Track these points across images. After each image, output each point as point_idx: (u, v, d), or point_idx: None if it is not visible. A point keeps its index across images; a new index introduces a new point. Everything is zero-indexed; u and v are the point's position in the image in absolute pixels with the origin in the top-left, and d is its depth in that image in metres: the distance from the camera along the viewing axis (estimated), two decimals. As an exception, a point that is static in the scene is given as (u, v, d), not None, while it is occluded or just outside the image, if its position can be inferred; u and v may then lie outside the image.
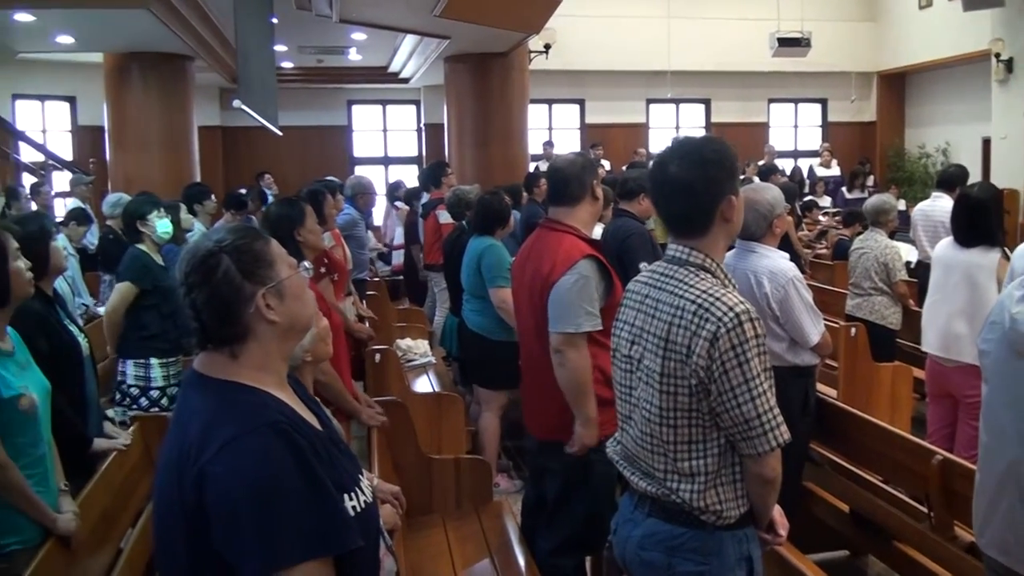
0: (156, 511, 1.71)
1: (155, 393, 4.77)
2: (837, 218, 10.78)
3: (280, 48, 11.59)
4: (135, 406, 4.72)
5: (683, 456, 2.22)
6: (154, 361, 4.77)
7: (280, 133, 10.32)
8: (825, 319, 4.04)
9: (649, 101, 16.35)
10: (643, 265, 4.31)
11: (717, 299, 2.14)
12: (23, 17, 8.59)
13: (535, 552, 3.61)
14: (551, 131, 16.16)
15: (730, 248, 3.68)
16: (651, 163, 2.43)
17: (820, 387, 4.48)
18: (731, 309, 2.11)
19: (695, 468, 2.21)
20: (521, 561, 3.60)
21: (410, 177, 13.85)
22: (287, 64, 13.88)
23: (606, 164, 13.19)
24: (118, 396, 4.80)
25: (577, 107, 16.42)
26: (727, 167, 2.27)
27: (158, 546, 1.72)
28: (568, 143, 15.53)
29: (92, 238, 8.14)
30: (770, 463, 2.18)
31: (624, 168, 9.36)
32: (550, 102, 16.05)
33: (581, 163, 3.51)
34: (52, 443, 2.97)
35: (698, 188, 2.23)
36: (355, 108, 16.52)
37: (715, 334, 2.10)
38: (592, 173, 3.50)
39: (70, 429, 3.35)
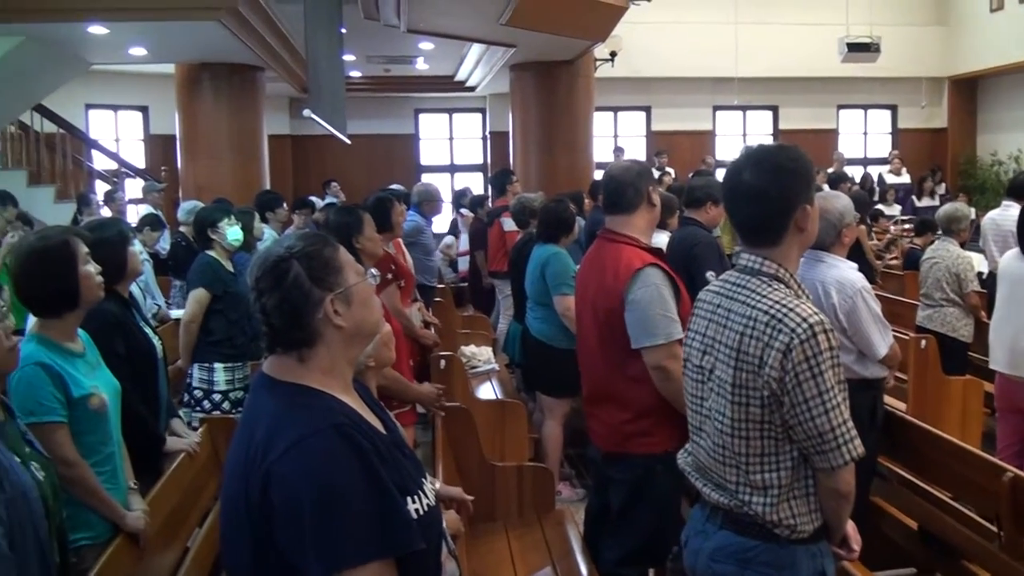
0: (223, 510, 1.74)
1: (217, 396, 4.87)
2: (906, 227, 10.55)
3: (349, 58, 11.75)
4: (198, 408, 4.84)
5: (755, 468, 2.19)
6: (218, 365, 4.88)
7: (348, 142, 10.47)
8: (895, 331, 3.95)
9: (716, 108, 16.19)
10: (710, 275, 4.26)
11: (791, 310, 2.11)
12: (97, 30, 8.83)
13: (598, 562, 3.58)
14: (616, 139, 16.10)
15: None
16: (725, 170, 2.39)
17: (889, 400, 4.38)
18: (804, 320, 2.08)
19: (768, 481, 2.18)
20: (584, 570, 3.57)
21: (475, 184, 13.95)
22: (355, 73, 14.06)
23: (671, 172, 13.10)
24: (185, 397, 4.92)
25: (643, 114, 16.32)
26: (803, 175, 2.24)
27: (224, 544, 1.75)
28: (634, 151, 15.45)
29: (164, 244, 8.33)
30: (844, 477, 2.14)
31: (690, 176, 9.28)
32: (616, 109, 15.97)
33: (636, 170, 3.46)
34: (121, 442, 3.04)
35: (772, 196, 2.20)
36: (422, 116, 16.68)
37: (788, 345, 2.07)
38: (647, 179, 3.44)
39: (145, 428, 3.45)
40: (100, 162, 12.87)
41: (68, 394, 2.77)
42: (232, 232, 5.07)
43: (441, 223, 12.03)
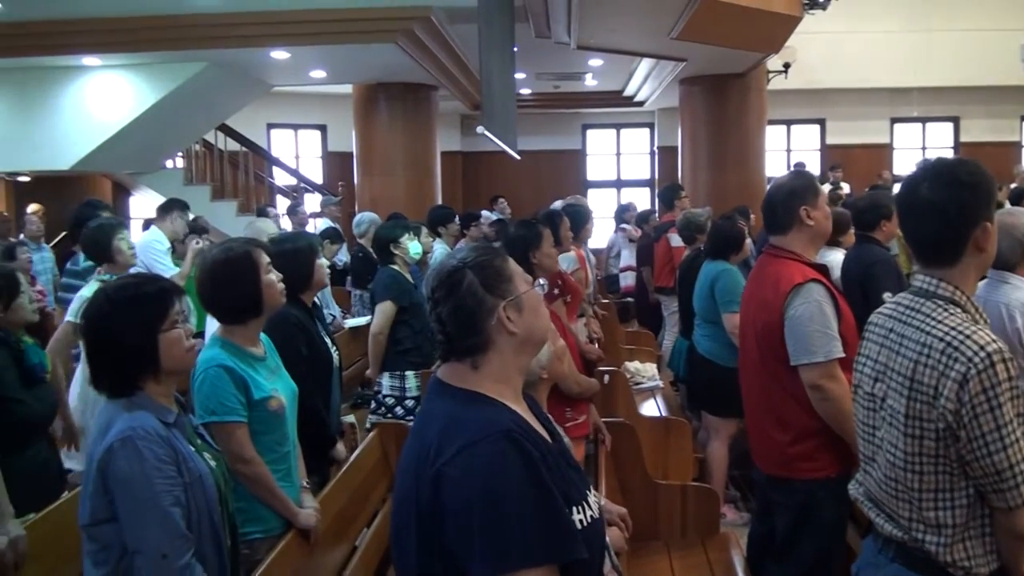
0: (394, 508, 1.81)
1: (410, 403, 5.06)
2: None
3: (519, 75, 11.94)
4: (390, 415, 5.03)
5: (929, 505, 2.07)
6: (409, 373, 5.09)
7: (518, 157, 10.61)
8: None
9: (893, 120, 15.49)
10: (887, 296, 4.08)
11: (967, 337, 1.98)
12: (279, 55, 9.35)
13: (763, 589, 3.49)
14: (789, 153, 15.66)
15: (982, 278, 3.42)
16: (900, 184, 2.29)
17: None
18: (982, 348, 1.95)
19: (942, 519, 2.06)
20: (748, 597, 3.49)
21: (642, 200, 13.85)
22: (525, 91, 14.28)
23: (846, 187, 12.61)
24: (373, 405, 5.13)
25: (817, 127, 15.79)
26: (983, 192, 2.11)
27: (394, 541, 1.82)
28: (808, 165, 14.93)
29: (343, 256, 8.69)
30: (1023, 517, 2.00)
31: (866, 190, 8.91)
32: (789, 122, 15.53)
33: (788, 188, 3.32)
34: (297, 443, 3.18)
35: (951, 213, 2.08)
36: (589, 132, 16.74)
37: (965, 376, 1.95)
38: (800, 199, 3.28)
39: (323, 428, 3.62)
40: (281, 178, 13.59)
41: (249, 396, 2.91)
42: (413, 246, 5.34)
43: (605, 239, 12.01)
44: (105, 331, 2.26)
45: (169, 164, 12.16)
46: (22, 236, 9.42)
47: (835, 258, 5.16)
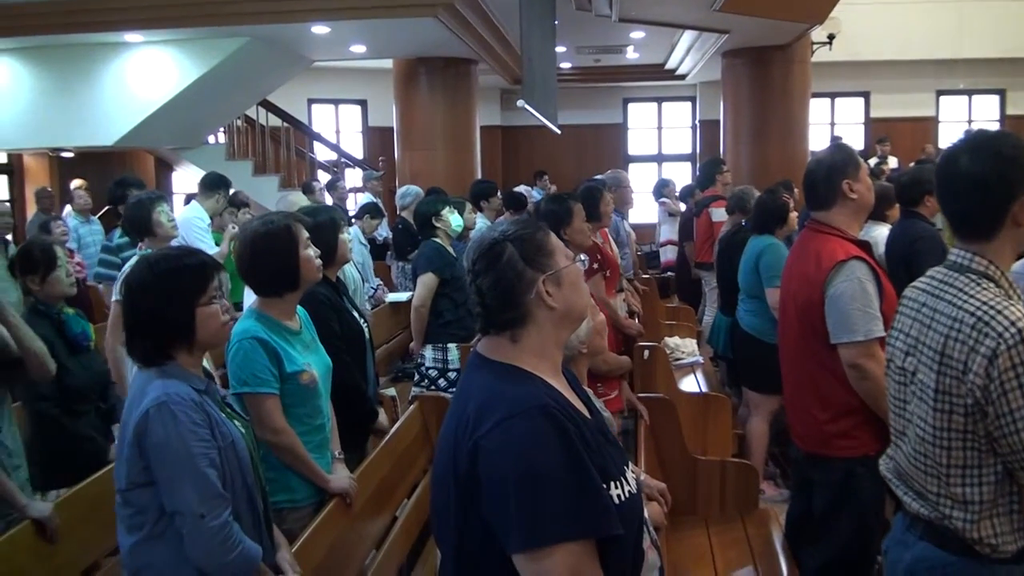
0: (434, 479, 1.83)
1: (453, 375, 5.10)
2: None
3: (559, 49, 11.86)
4: (433, 387, 5.07)
5: (956, 481, 2.05)
6: (451, 345, 5.12)
7: (559, 132, 10.58)
8: None
9: (939, 93, 15.15)
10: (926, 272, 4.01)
11: (999, 312, 1.95)
12: (320, 29, 9.36)
13: (799, 568, 3.46)
14: (833, 126, 15.39)
15: (1020, 256, 3.34)
16: (940, 156, 2.24)
17: None
18: (1013, 324, 1.92)
19: (968, 495, 2.04)
20: (785, 573, 3.46)
21: (683, 175, 13.73)
22: (565, 64, 14.18)
23: (892, 161, 12.40)
24: (417, 377, 5.18)
25: (862, 100, 15.51)
26: (1023, 166, 2.07)
27: (433, 511, 1.84)
28: (852, 139, 14.71)
29: (383, 230, 8.73)
30: None
31: (911, 165, 8.76)
32: (833, 95, 15.23)
33: (829, 162, 3.27)
34: (331, 416, 3.22)
35: (990, 185, 2.05)
36: (631, 106, 16.61)
37: (995, 351, 1.92)
38: (841, 173, 3.23)
39: (362, 401, 3.65)
40: (322, 153, 13.66)
41: (281, 369, 2.95)
42: (455, 219, 5.37)
43: (643, 214, 11.94)
44: (144, 300, 2.30)
45: (211, 140, 12.25)
46: (69, 209, 9.59)
47: (880, 233, 5.08)
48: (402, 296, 7.00)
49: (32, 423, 3.70)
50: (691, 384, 5.92)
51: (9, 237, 7.08)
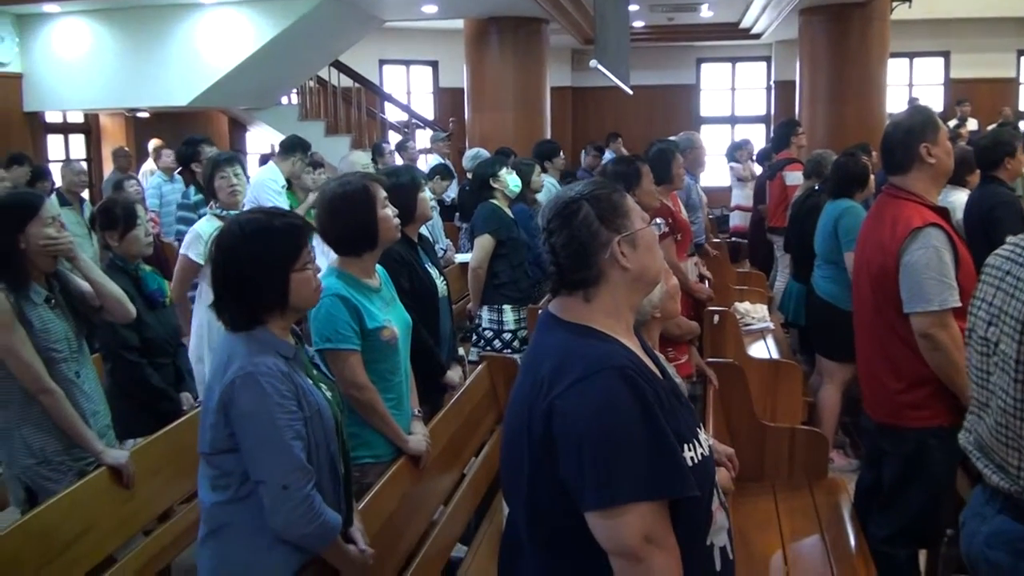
0: (505, 438, 1.85)
1: (507, 336, 5.12)
2: None
3: (632, 7, 11.68)
4: (488, 347, 5.11)
5: None
6: (506, 307, 5.12)
7: (631, 92, 10.44)
8: None
9: (1020, 52, 14.59)
10: (1010, 239, 3.90)
11: None
12: (392, -11, 9.38)
13: (867, 538, 3.43)
14: (911, 88, 14.91)
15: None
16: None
17: None
18: None
19: None
20: (853, 543, 3.42)
21: (757, 137, 13.47)
22: (638, 23, 13.96)
23: (972, 123, 11.99)
24: (474, 338, 5.22)
25: (941, 60, 14.97)
26: None
27: (505, 472, 1.86)
28: (930, 101, 14.22)
29: (452, 192, 8.76)
30: None
31: (989, 128, 8.45)
32: (911, 55, 14.72)
33: (907, 125, 3.17)
34: (410, 372, 3.26)
35: None
36: (704, 66, 16.30)
37: None
38: (920, 136, 3.13)
39: (431, 358, 3.69)
40: (392, 114, 13.71)
41: (363, 325, 2.99)
42: (512, 180, 5.33)
43: (714, 178, 11.77)
44: (236, 265, 2.26)
45: (284, 100, 12.40)
46: (148, 168, 9.81)
47: (958, 199, 4.94)
48: (468, 257, 7.03)
49: (111, 374, 3.82)
50: (761, 350, 5.86)
51: (85, 195, 7.30)
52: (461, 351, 4.74)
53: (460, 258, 7.10)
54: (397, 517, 2.91)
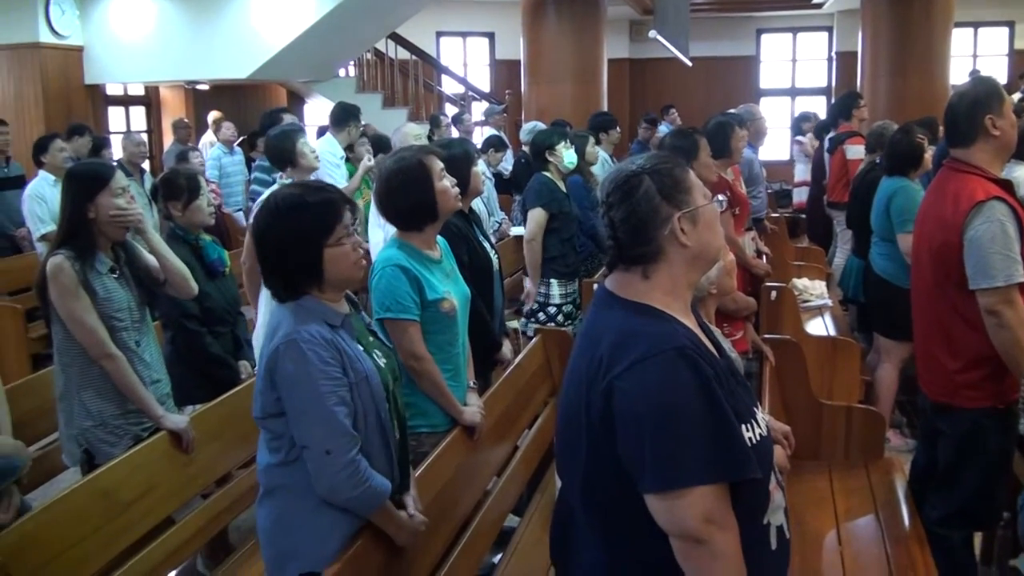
0: (561, 415, 1.85)
1: (552, 309, 5.13)
2: None
3: (691, -23, 11.52)
4: (534, 319, 5.13)
5: None
6: (553, 281, 5.12)
7: (690, 64, 10.31)
8: None
9: (1087, 22, 14.02)
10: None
11: None
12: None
13: (922, 519, 3.39)
14: (975, 59, 14.46)
15: None
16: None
17: None
18: None
19: None
20: (907, 523, 3.38)
21: (818, 109, 13.22)
22: (698, -7, 13.77)
23: (1036, 95, 11.62)
24: (523, 309, 5.21)
25: (1006, 30, 14.48)
26: None
27: (560, 449, 1.86)
28: (994, 72, 13.77)
29: (507, 164, 8.75)
30: None
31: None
32: (975, 25, 14.24)
33: (972, 97, 3.09)
34: (467, 344, 3.28)
35: None
36: (764, 37, 15.98)
37: None
38: (985, 108, 3.05)
39: (486, 333, 3.71)
40: (449, 86, 13.70)
41: (423, 296, 3.01)
42: (568, 155, 5.28)
43: (774, 151, 11.58)
44: (270, 240, 2.30)
45: (342, 73, 12.45)
46: (208, 140, 9.95)
47: (1022, 174, 4.81)
48: (522, 230, 7.03)
49: (171, 342, 3.91)
50: (818, 327, 5.79)
51: (145, 166, 7.43)
52: (516, 324, 4.76)
53: (515, 231, 7.10)
54: (451, 486, 2.95)
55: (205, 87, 12.23)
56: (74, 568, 2.59)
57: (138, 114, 12.42)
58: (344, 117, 6.58)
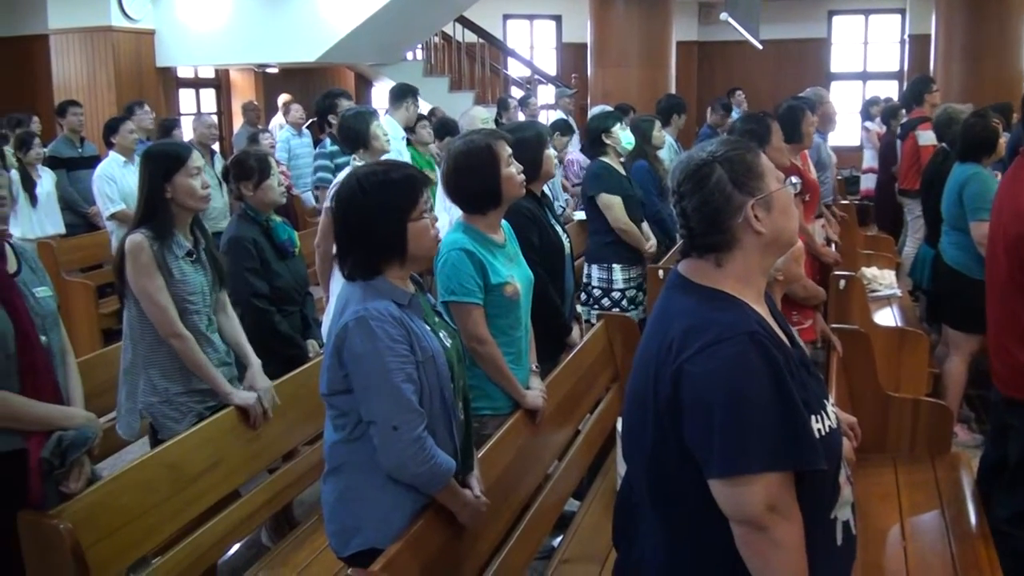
0: (629, 399, 1.85)
1: (616, 295, 5.11)
2: None
3: (762, -41, 11.31)
4: (597, 305, 5.12)
5: None
6: (616, 266, 5.10)
7: (760, 47, 10.15)
8: None
9: None
10: None
11: None
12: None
13: (989, 516, 3.32)
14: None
15: None
16: None
17: None
18: None
19: None
20: (973, 521, 3.31)
21: (890, 94, 12.93)
22: (768, -25, 13.52)
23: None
24: (583, 296, 5.21)
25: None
26: None
27: (626, 432, 1.87)
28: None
29: (572, 148, 8.72)
30: None
31: None
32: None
33: None
34: (530, 328, 3.29)
35: None
36: (836, 19, 15.66)
37: None
38: None
39: (556, 315, 3.73)
40: (515, 69, 13.69)
41: (486, 280, 3.03)
42: (625, 136, 5.23)
43: (843, 136, 11.35)
44: (355, 216, 2.34)
45: (409, 56, 12.52)
46: (278, 122, 10.08)
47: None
48: (583, 215, 7.01)
49: (241, 320, 3.96)
50: (887, 317, 5.69)
51: (216, 147, 7.56)
52: (580, 310, 4.76)
53: (578, 216, 7.08)
54: (513, 469, 2.97)
55: (274, 70, 12.40)
56: (141, 537, 2.68)
57: (208, 96, 12.65)
58: (401, 95, 6.57)
